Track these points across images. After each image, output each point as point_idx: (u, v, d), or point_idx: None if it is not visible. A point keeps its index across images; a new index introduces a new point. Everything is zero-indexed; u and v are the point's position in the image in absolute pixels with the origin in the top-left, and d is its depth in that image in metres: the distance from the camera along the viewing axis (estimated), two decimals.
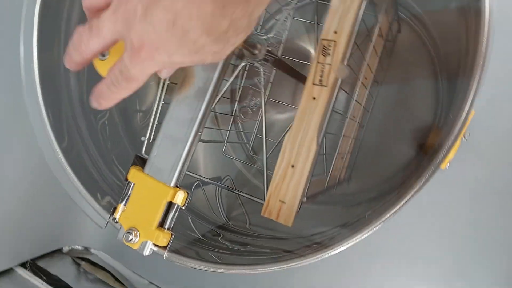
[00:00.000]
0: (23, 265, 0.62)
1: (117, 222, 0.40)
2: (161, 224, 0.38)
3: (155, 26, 0.23)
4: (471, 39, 0.39)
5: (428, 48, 0.67)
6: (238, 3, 0.22)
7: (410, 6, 0.65)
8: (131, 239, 0.38)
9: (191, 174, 0.54)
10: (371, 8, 0.50)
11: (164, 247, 0.39)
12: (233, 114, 0.76)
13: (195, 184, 0.59)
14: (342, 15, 0.42)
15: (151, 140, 0.53)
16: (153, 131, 0.53)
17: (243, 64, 0.52)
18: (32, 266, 0.62)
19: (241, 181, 0.78)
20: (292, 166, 0.43)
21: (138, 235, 0.38)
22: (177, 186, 0.38)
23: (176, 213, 0.38)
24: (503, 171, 0.45)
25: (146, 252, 0.38)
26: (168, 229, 0.38)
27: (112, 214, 0.40)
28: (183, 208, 0.38)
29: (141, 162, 0.41)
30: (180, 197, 0.38)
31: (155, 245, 0.39)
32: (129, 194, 0.39)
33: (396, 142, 0.68)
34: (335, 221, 0.47)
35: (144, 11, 0.23)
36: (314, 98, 0.42)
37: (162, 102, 0.53)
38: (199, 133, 0.38)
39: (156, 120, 0.53)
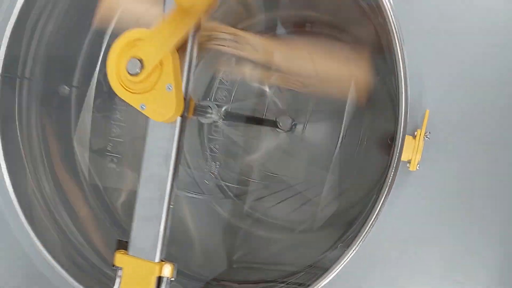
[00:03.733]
0: None
1: None
2: None
3: None
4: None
5: None
6: None
7: None
8: None
9: None
10: None
11: None
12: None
13: None
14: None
15: None
16: None
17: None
18: None
19: None
20: None
21: None
22: (162, 260, 0.40)
23: (168, 286, 0.40)
24: (472, 162, 0.47)
25: None
26: None
27: None
28: (173, 279, 0.40)
29: (123, 245, 0.42)
30: (167, 270, 0.40)
31: None
32: (120, 279, 0.41)
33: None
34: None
35: None
36: None
37: None
38: (171, 206, 0.40)
39: None
